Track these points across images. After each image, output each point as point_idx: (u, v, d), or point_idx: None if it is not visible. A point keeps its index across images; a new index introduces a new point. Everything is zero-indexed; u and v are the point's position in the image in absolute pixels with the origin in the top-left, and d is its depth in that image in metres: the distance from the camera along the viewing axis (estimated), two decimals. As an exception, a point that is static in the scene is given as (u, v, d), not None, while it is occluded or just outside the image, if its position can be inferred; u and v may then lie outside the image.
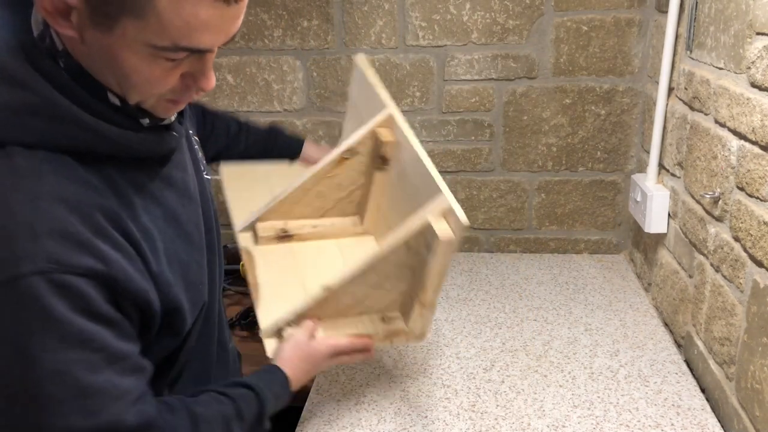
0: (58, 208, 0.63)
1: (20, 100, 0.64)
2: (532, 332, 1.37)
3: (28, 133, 0.65)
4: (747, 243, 1.02)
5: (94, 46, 0.65)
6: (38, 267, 0.61)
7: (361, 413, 1.13)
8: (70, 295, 0.63)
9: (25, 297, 0.61)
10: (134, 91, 0.70)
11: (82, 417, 0.64)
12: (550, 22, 1.59)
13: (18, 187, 0.63)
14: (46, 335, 0.62)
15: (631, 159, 1.67)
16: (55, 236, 0.62)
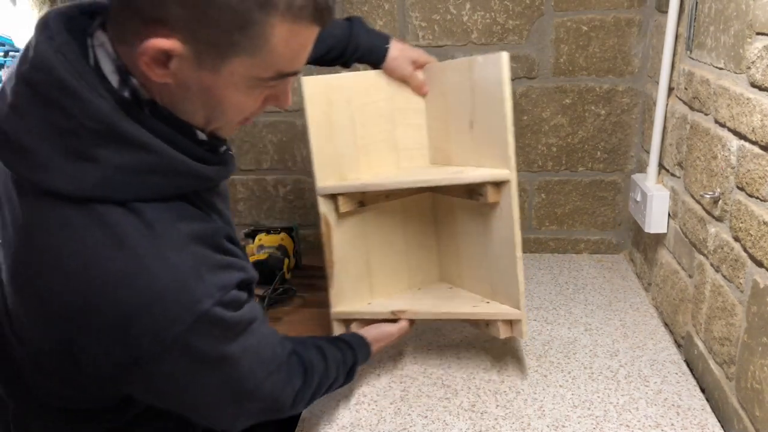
0: (196, 245, 0.70)
1: (140, 161, 0.66)
2: (532, 332, 1.37)
3: (145, 190, 0.67)
4: (747, 243, 1.02)
5: (193, 87, 0.66)
6: (215, 298, 0.69)
7: (361, 413, 1.13)
8: (243, 303, 0.75)
9: (215, 327, 0.70)
10: (221, 121, 0.73)
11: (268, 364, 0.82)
12: (550, 22, 1.59)
13: (162, 240, 0.67)
14: (231, 340, 0.74)
15: (631, 159, 1.67)
16: (214, 270, 0.70)
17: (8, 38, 1.77)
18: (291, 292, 1.58)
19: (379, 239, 1.30)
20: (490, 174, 1.10)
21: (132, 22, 0.63)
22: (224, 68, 0.65)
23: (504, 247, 1.14)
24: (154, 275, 0.65)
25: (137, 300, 0.65)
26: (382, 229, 1.30)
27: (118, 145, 0.65)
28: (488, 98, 1.10)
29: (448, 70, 1.19)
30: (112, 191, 0.65)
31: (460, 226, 1.27)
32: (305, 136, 1.74)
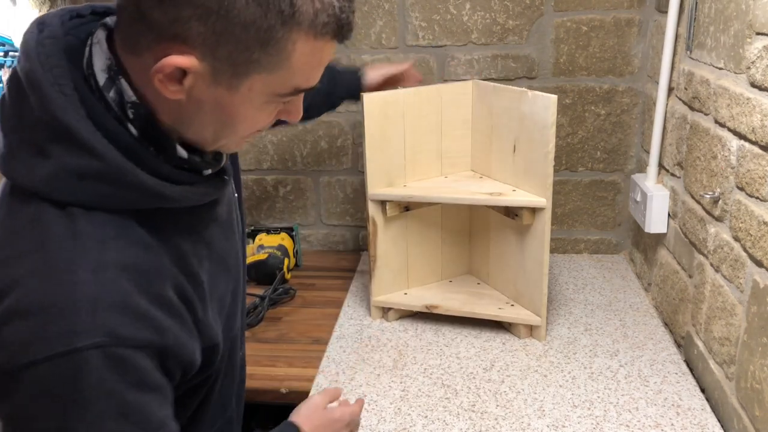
0: (120, 278, 0.62)
1: (86, 165, 0.62)
2: (532, 332, 1.37)
3: (89, 196, 0.63)
4: (747, 243, 1.02)
5: (206, 104, 0.64)
6: (96, 341, 0.59)
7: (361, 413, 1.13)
8: (124, 368, 0.61)
9: (79, 371, 0.59)
10: (231, 137, 0.70)
11: None
12: (550, 22, 1.59)
13: (83, 256, 0.62)
14: (92, 407, 0.61)
15: (631, 159, 1.67)
16: (116, 309, 0.61)
17: (8, 38, 1.77)
18: (291, 292, 1.58)
19: (419, 238, 1.47)
20: (528, 200, 1.27)
21: (145, 37, 0.61)
22: (242, 85, 0.63)
23: (533, 263, 1.31)
24: (50, 287, 0.61)
25: (22, 305, 0.60)
26: (422, 229, 1.47)
27: (68, 145, 0.62)
28: (533, 133, 1.25)
29: (499, 92, 1.33)
30: (55, 191, 0.63)
31: (492, 233, 1.44)
32: (305, 136, 1.75)
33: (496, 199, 1.31)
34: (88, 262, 0.61)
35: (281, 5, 0.59)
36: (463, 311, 1.39)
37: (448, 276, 1.54)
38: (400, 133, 1.38)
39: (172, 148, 0.67)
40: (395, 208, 1.39)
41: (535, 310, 1.33)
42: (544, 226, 1.25)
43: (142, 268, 0.64)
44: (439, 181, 1.43)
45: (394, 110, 1.36)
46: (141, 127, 0.65)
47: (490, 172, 1.41)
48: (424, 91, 1.39)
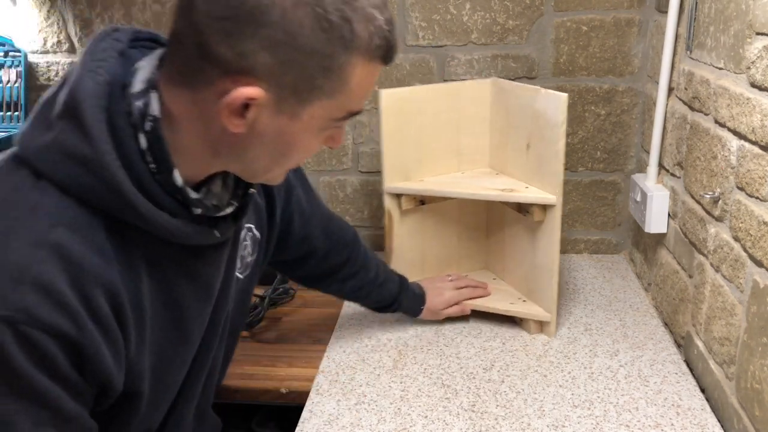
0: (54, 262, 0.60)
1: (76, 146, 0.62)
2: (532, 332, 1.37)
3: (66, 177, 0.63)
4: (747, 243, 1.02)
5: (267, 134, 0.65)
6: (7, 315, 0.58)
7: (361, 413, 1.13)
8: (33, 350, 0.59)
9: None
10: (283, 167, 0.72)
11: None
12: (550, 22, 1.59)
13: (27, 226, 0.61)
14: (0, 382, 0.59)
15: (631, 159, 1.67)
16: (39, 288, 0.59)
17: (8, 38, 1.77)
18: (291, 292, 1.58)
19: (435, 232, 1.50)
20: (538, 197, 1.29)
21: (208, 72, 0.62)
22: (304, 113, 0.65)
23: (544, 259, 1.33)
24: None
25: None
26: (438, 224, 1.50)
27: (70, 123, 0.63)
28: (545, 131, 1.26)
29: (515, 90, 1.35)
30: (40, 161, 0.63)
31: (508, 230, 1.46)
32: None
33: (507, 195, 1.32)
34: (30, 235, 0.60)
35: (343, 31, 0.61)
36: (474, 305, 1.41)
37: (464, 270, 1.56)
38: (417, 129, 1.41)
39: (169, 172, 0.66)
40: (410, 202, 1.42)
41: (545, 306, 1.35)
42: (555, 223, 1.27)
43: (82, 266, 0.62)
44: (455, 176, 1.46)
45: (410, 106, 1.38)
46: (150, 141, 0.65)
47: (506, 170, 1.44)
48: (442, 89, 1.42)
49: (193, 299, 0.77)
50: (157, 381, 0.75)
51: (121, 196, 0.63)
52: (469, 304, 1.40)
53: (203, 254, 0.76)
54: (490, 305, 1.41)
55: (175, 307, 0.74)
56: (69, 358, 0.62)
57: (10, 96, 1.76)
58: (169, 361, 0.76)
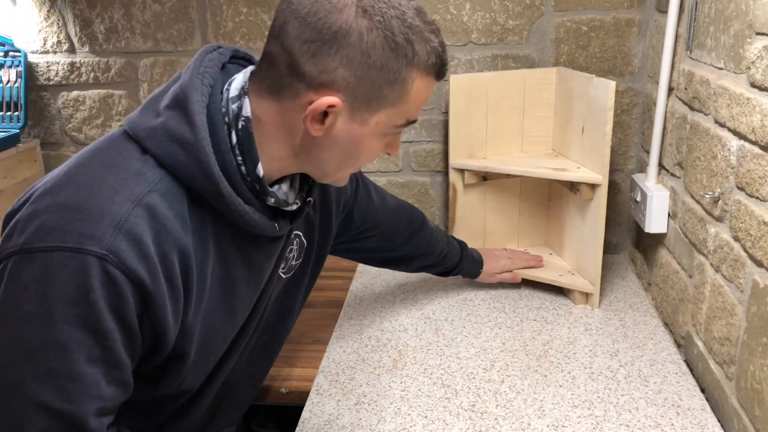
0: (146, 219, 0.71)
1: (180, 131, 0.74)
2: (532, 332, 1.37)
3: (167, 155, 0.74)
4: (747, 243, 1.02)
5: (340, 138, 0.78)
6: (102, 252, 0.67)
7: (361, 413, 1.13)
8: (112, 288, 0.68)
9: (78, 269, 0.66)
10: (350, 168, 0.84)
11: (57, 397, 0.67)
12: (550, 22, 1.59)
13: (129, 186, 0.71)
14: (74, 308, 0.67)
15: (631, 159, 1.67)
16: (130, 238, 0.69)
17: (8, 38, 1.77)
18: (291, 292, 1.58)
19: (497, 206, 1.63)
20: (586, 176, 1.40)
21: (294, 86, 0.75)
22: (372, 120, 0.77)
23: (590, 235, 1.44)
24: (93, 196, 0.70)
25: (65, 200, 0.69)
26: (500, 199, 1.63)
27: (177, 113, 0.74)
28: (596, 116, 1.37)
29: (575, 77, 1.46)
30: (148, 139, 0.75)
31: (565, 207, 1.57)
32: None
33: (559, 174, 1.44)
34: (131, 194, 0.71)
35: (406, 50, 0.74)
36: (526, 274, 1.54)
37: (524, 245, 1.68)
38: (483, 111, 1.55)
39: (254, 164, 0.78)
40: (473, 177, 1.56)
41: (590, 278, 1.46)
42: (601, 201, 1.37)
43: (166, 228, 0.73)
44: (517, 156, 1.59)
45: (478, 90, 1.52)
46: (241, 137, 0.77)
47: (565, 152, 1.55)
48: (507, 75, 1.55)
49: (245, 282, 0.87)
50: (201, 347, 0.83)
51: (208, 176, 0.74)
52: (521, 273, 1.53)
53: (259, 245, 0.87)
54: (540, 276, 1.53)
55: (230, 286, 0.84)
56: (137, 305, 0.71)
57: (10, 96, 1.76)
58: (215, 332, 0.85)
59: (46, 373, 0.67)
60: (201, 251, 0.77)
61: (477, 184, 1.59)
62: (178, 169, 0.74)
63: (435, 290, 1.58)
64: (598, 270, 1.43)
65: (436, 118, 1.70)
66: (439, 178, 1.74)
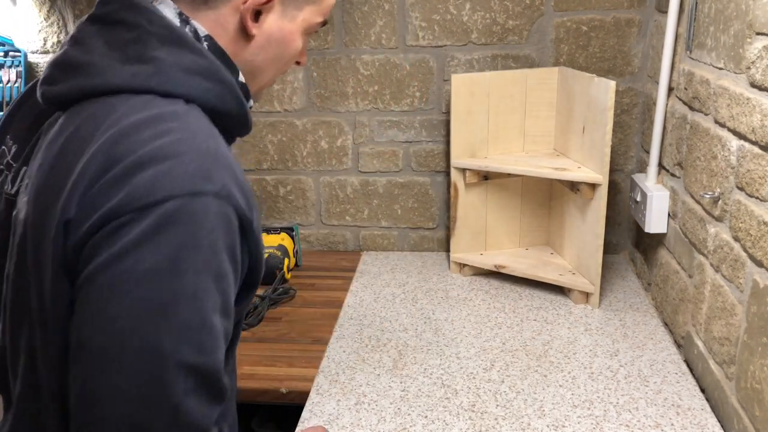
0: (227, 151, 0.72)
1: (193, 61, 0.73)
2: (532, 332, 1.37)
3: (192, 89, 0.73)
4: (747, 243, 1.02)
5: (273, 36, 0.80)
6: (218, 191, 0.66)
7: (361, 413, 1.13)
8: (228, 226, 0.67)
9: (200, 213, 0.64)
10: (281, 69, 0.85)
11: (194, 350, 0.64)
12: (550, 22, 1.59)
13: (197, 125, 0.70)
14: (199, 255, 0.64)
15: (631, 159, 1.67)
16: (232, 175, 0.68)
17: (8, 38, 1.77)
18: (291, 292, 1.58)
19: (498, 205, 1.64)
20: (586, 176, 1.40)
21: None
22: (299, 16, 0.81)
23: (591, 235, 1.44)
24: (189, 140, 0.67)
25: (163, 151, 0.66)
26: (501, 199, 1.64)
27: (176, 47, 0.72)
28: (596, 116, 1.37)
29: (576, 77, 1.46)
30: (164, 83, 0.71)
31: (566, 206, 1.57)
32: (305, 136, 1.75)
33: (559, 173, 1.44)
34: (205, 131, 0.70)
35: None
36: (527, 274, 1.55)
37: (525, 244, 1.69)
38: (484, 111, 1.56)
39: (237, 73, 0.79)
40: (474, 176, 1.57)
41: (590, 278, 1.46)
42: (601, 201, 1.38)
43: (234, 163, 0.72)
44: (518, 156, 1.59)
45: (480, 89, 1.53)
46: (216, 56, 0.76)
47: (567, 151, 1.56)
48: (509, 75, 1.55)
49: None
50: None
51: (233, 91, 0.75)
52: (519, 272, 1.55)
53: None
54: (540, 275, 1.52)
55: None
56: (241, 238, 0.69)
57: (10, 96, 1.76)
58: None
59: (180, 328, 0.63)
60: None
61: (478, 183, 1.59)
62: (208, 98, 0.73)
63: (435, 290, 1.58)
64: (598, 270, 1.43)
65: (436, 118, 1.70)
66: (439, 178, 1.74)
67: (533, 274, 1.54)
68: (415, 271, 1.68)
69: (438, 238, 1.80)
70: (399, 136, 1.72)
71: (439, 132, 1.71)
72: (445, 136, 1.70)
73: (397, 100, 1.69)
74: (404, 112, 1.70)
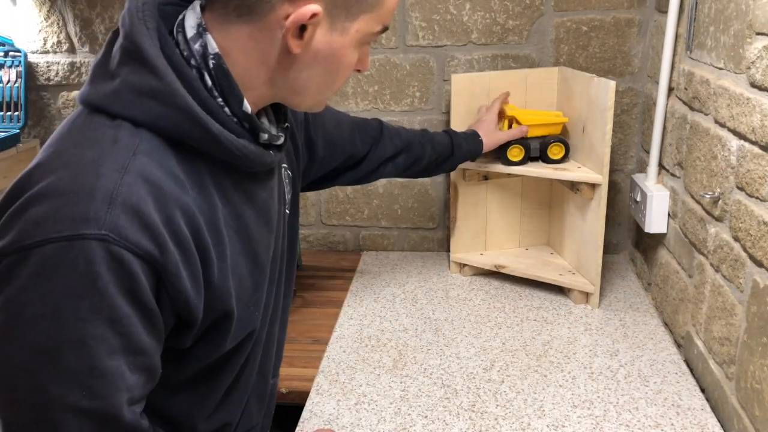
0: (140, 186, 0.65)
1: (145, 83, 0.68)
2: (532, 332, 1.37)
3: (140, 113, 0.68)
4: (747, 243, 1.02)
5: (321, 52, 0.72)
6: (102, 233, 0.62)
7: (361, 413, 1.13)
8: (120, 270, 0.63)
9: (79, 258, 0.61)
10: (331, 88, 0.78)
11: (83, 396, 0.64)
12: (550, 22, 1.59)
13: (112, 156, 0.65)
14: (83, 302, 0.62)
15: (631, 159, 1.67)
16: (128, 210, 0.63)
17: (8, 38, 1.77)
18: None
19: (498, 205, 1.64)
20: (586, 176, 1.41)
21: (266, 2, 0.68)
22: (352, 28, 0.72)
23: (591, 234, 1.44)
24: (76, 176, 0.64)
25: (48, 189, 0.64)
26: (501, 199, 1.64)
27: (135, 66, 0.68)
28: (596, 116, 1.38)
29: (576, 77, 1.46)
30: (113, 104, 0.68)
31: (566, 206, 1.57)
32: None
33: (558, 173, 1.44)
34: (117, 163, 0.65)
35: None
36: (526, 273, 1.55)
37: (525, 244, 1.69)
38: None
39: (239, 102, 0.72)
40: (474, 176, 1.57)
41: (590, 278, 1.46)
42: (601, 200, 1.38)
43: (163, 189, 0.67)
44: None
45: (480, 89, 1.53)
46: (217, 76, 0.71)
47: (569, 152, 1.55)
48: (509, 75, 1.55)
49: (257, 225, 0.81)
50: (241, 302, 0.78)
51: (193, 119, 0.68)
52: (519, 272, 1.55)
53: (258, 179, 0.81)
54: (540, 275, 1.53)
55: (245, 233, 0.79)
56: (150, 281, 0.65)
57: (10, 96, 1.76)
58: (247, 285, 0.80)
59: (67, 374, 0.63)
60: (206, 205, 0.72)
61: (478, 183, 1.59)
62: (158, 124, 0.68)
63: (435, 290, 1.58)
64: (598, 270, 1.43)
65: (437, 118, 1.70)
66: (439, 178, 1.74)
67: (533, 274, 1.54)
68: (415, 271, 1.69)
69: (438, 238, 1.80)
70: (399, 136, 1.72)
71: (439, 132, 1.71)
72: (445, 136, 1.70)
73: (397, 100, 1.69)
74: (404, 112, 1.70)
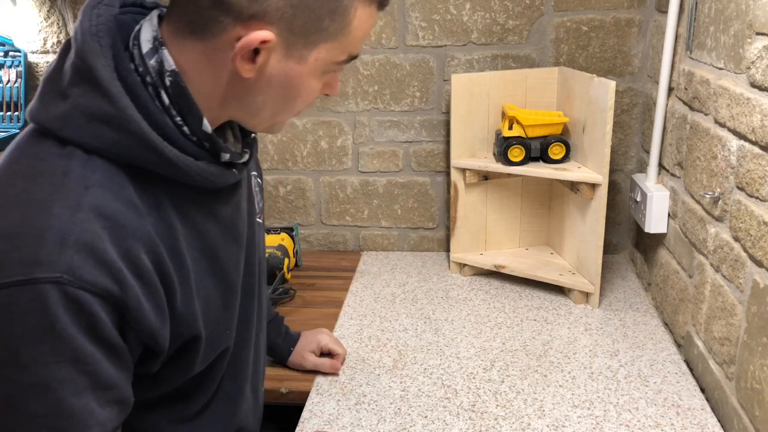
0: (93, 222, 0.62)
1: (96, 107, 0.64)
2: (532, 332, 1.37)
3: (92, 138, 0.65)
4: (747, 243, 1.02)
5: (275, 79, 0.68)
6: (55, 276, 0.59)
7: (361, 413, 1.13)
8: (78, 311, 0.61)
9: (34, 302, 0.59)
10: (287, 114, 0.74)
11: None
12: (550, 22, 1.59)
13: (63, 192, 0.63)
14: (43, 346, 0.60)
15: (631, 159, 1.67)
16: (82, 249, 0.61)
17: (8, 38, 1.77)
18: (291, 292, 1.58)
19: (498, 205, 1.64)
20: (586, 176, 1.41)
21: (219, 21, 0.64)
22: (310, 56, 0.68)
23: (591, 234, 1.45)
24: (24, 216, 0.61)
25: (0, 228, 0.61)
26: (501, 199, 1.64)
27: (86, 87, 0.65)
28: (596, 116, 1.38)
29: (576, 77, 1.46)
30: (63, 128, 0.65)
31: (566, 206, 1.57)
32: (305, 136, 1.75)
33: (558, 173, 1.45)
34: (68, 199, 0.62)
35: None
36: (526, 273, 1.55)
37: (525, 244, 1.70)
38: (484, 111, 1.56)
39: (199, 121, 0.69)
40: (474, 176, 1.57)
41: (590, 278, 1.46)
42: (601, 201, 1.39)
43: (119, 222, 0.64)
44: None
45: (479, 89, 1.53)
46: (174, 94, 0.67)
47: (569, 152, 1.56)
48: (509, 75, 1.55)
49: (223, 242, 0.79)
50: (209, 323, 0.77)
51: (147, 145, 0.65)
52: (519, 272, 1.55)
53: (221, 196, 0.79)
54: (540, 275, 1.53)
55: (210, 252, 0.77)
56: (111, 317, 0.63)
57: (10, 96, 1.76)
58: (215, 305, 0.78)
59: (35, 419, 0.61)
60: (165, 230, 0.69)
61: (478, 183, 1.60)
62: (111, 150, 0.65)
63: (435, 290, 1.58)
64: (598, 270, 1.43)
65: (436, 118, 1.70)
66: (439, 178, 1.74)
67: (533, 274, 1.54)
68: (415, 271, 1.69)
69: (438, 238, 1.80)
70: (399, 136, 1.72)
71: (439, 132, 1.71)
72: (445, 136, 1.70)
73: (397, 100, 1.69)
74: (404, 112, 1.70)
